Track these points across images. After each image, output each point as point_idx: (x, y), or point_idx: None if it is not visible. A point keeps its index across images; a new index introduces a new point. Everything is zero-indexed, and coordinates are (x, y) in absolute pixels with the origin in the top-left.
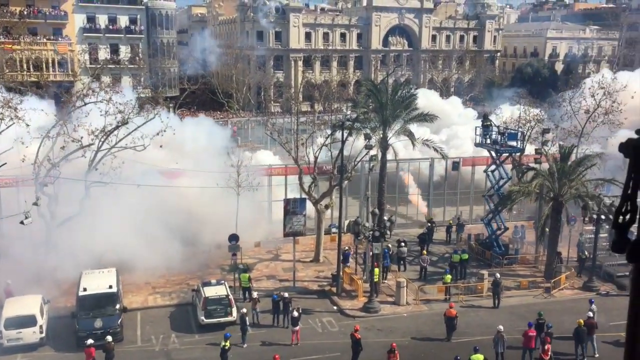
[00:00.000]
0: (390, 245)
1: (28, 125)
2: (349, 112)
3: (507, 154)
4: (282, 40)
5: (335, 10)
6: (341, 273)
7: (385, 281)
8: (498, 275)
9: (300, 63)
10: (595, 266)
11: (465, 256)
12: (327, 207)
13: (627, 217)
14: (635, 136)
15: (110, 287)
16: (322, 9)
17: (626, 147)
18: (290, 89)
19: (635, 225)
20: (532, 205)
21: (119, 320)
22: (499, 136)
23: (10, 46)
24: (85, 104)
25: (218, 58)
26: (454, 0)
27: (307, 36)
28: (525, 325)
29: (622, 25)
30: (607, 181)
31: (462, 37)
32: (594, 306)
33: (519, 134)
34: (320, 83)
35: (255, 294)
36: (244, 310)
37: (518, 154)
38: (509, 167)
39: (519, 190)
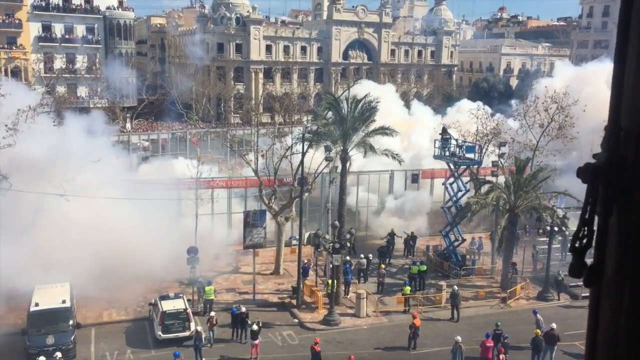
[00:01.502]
0: (349, 259)
1: None
2: (309, 125)
3: (465, 167)
4: (243, 52)
5: (295, 23)
6: (301, 285)
7: (347, 296)
8: (456, 287)
9: (260, 75)
10: (549, 277)
11: (424, 267)
12: (287, 219)
13: (584, 241)
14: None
15: (64, 301)
16: (283, 22)
17: (584, 172)
18: (251, 100)
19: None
20: (489, 217)
21: (72, 337)
22: (457, 149)
23: None
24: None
25: (177, 69)
26: (412, 15)
27: (268, 48)
28: (483, 335)
29: (573, 43)
30: (560, 193)
31: (420, 52)
32: (539, 316)
33: (477, 146)
34: (280, 95)
35: (213, 314)
36: (199, 327)
37: (476, 166)
38: (466, 179)
39: (476, 202)
